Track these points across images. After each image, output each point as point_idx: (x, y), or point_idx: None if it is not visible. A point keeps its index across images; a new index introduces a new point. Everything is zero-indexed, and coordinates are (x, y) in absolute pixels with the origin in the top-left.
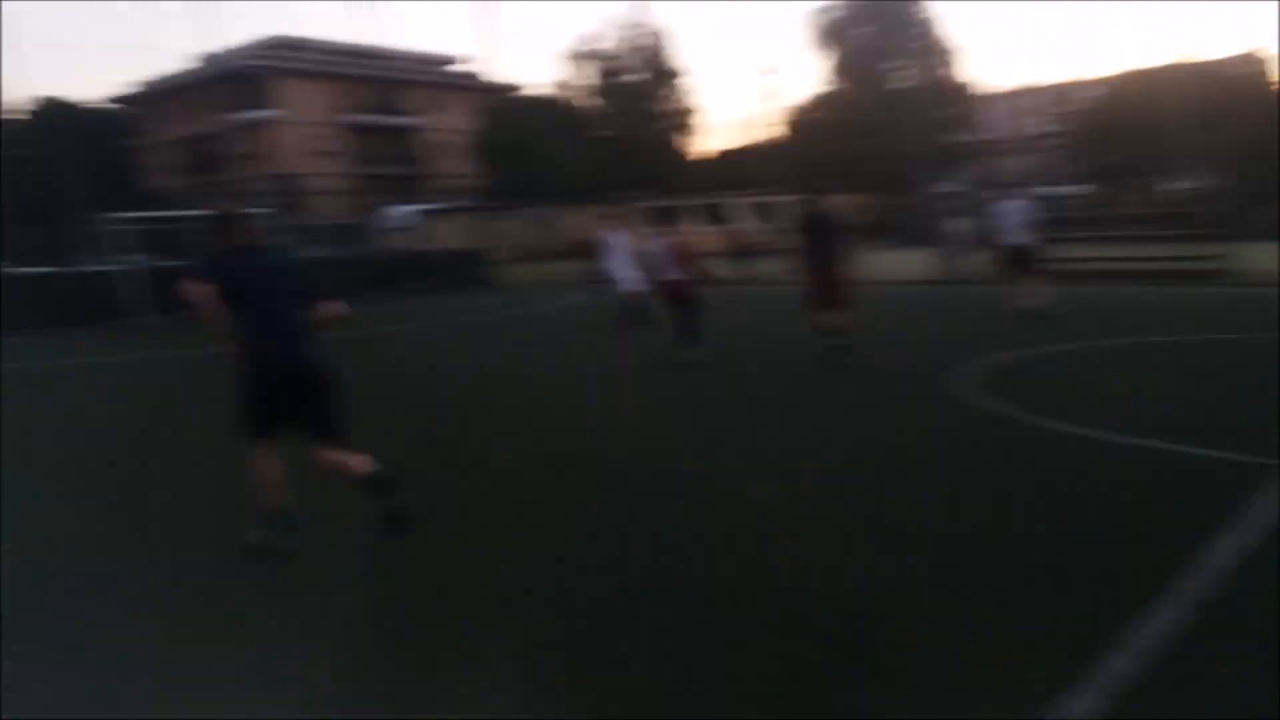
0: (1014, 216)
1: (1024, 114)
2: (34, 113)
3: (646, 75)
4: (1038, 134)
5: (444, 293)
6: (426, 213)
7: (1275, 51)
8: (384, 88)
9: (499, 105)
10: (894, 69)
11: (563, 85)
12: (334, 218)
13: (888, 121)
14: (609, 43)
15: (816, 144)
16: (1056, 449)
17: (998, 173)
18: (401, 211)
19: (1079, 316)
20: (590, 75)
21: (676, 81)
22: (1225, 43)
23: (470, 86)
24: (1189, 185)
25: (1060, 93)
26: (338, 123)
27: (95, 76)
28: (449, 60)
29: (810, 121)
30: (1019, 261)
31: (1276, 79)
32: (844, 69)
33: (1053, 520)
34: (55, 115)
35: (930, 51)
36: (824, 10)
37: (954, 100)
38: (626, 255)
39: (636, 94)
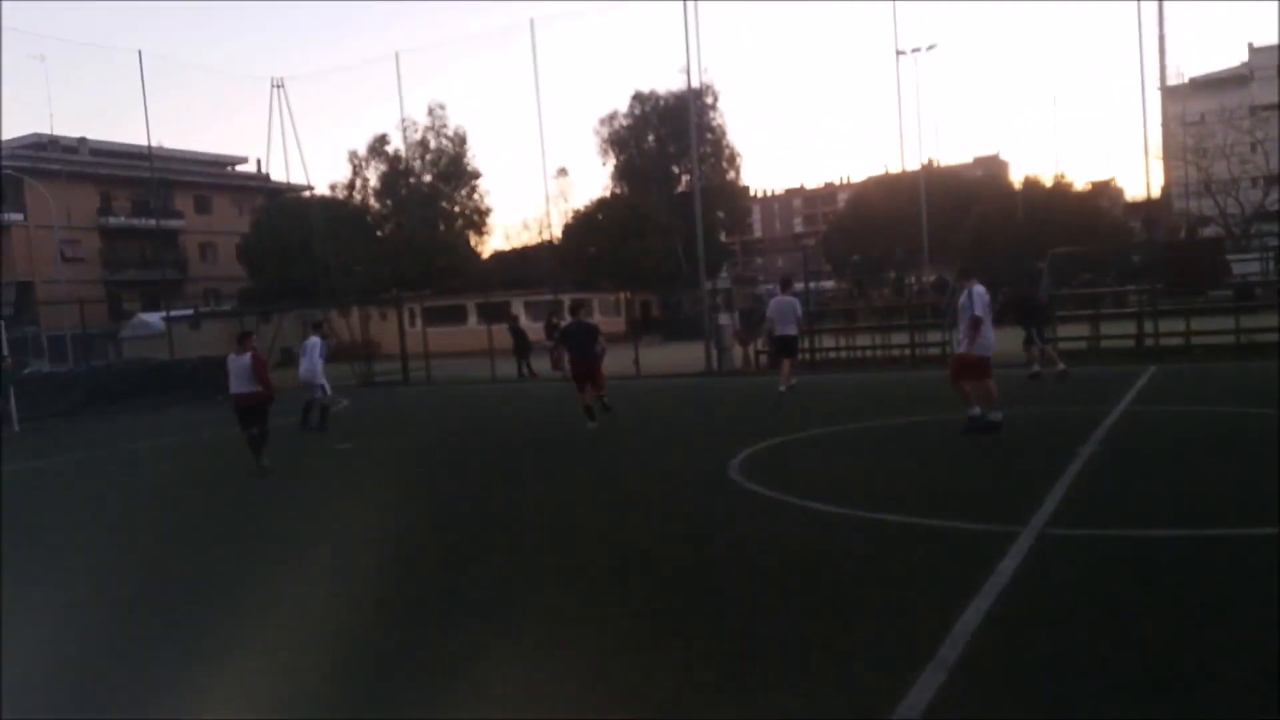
0: (783, 310)
1: (789, 214)
2: None
3: (436, 176)
4: (799, 233)
5: (187, 405)
6: (176, 319)
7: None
8: (152, 188)
9: (272, 205)
10: (677, 173)
11: (350, 185)
12: (79, 328)
13: (665, 222)
14: (400, 144)
15: (596, 243)
16: (815, 525)
17: (763, 269)
18: (149, 318)
19: (831, 400)
20: (378, 175)
21: (471, 183)
22: (965, 148)
23: (250, 187)
24: (930, 278)
25: (818, 195)
26: (91, 226)
27: None
28: (233, 161)
29: (590, 223)
30: (785, 350)
31: (1010, 180)
32: (626, 173)
33: (812, 591)
34: None
35: (714, 157)
36: (610, 119)
37: (731, 202)
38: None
39: (427, 195)
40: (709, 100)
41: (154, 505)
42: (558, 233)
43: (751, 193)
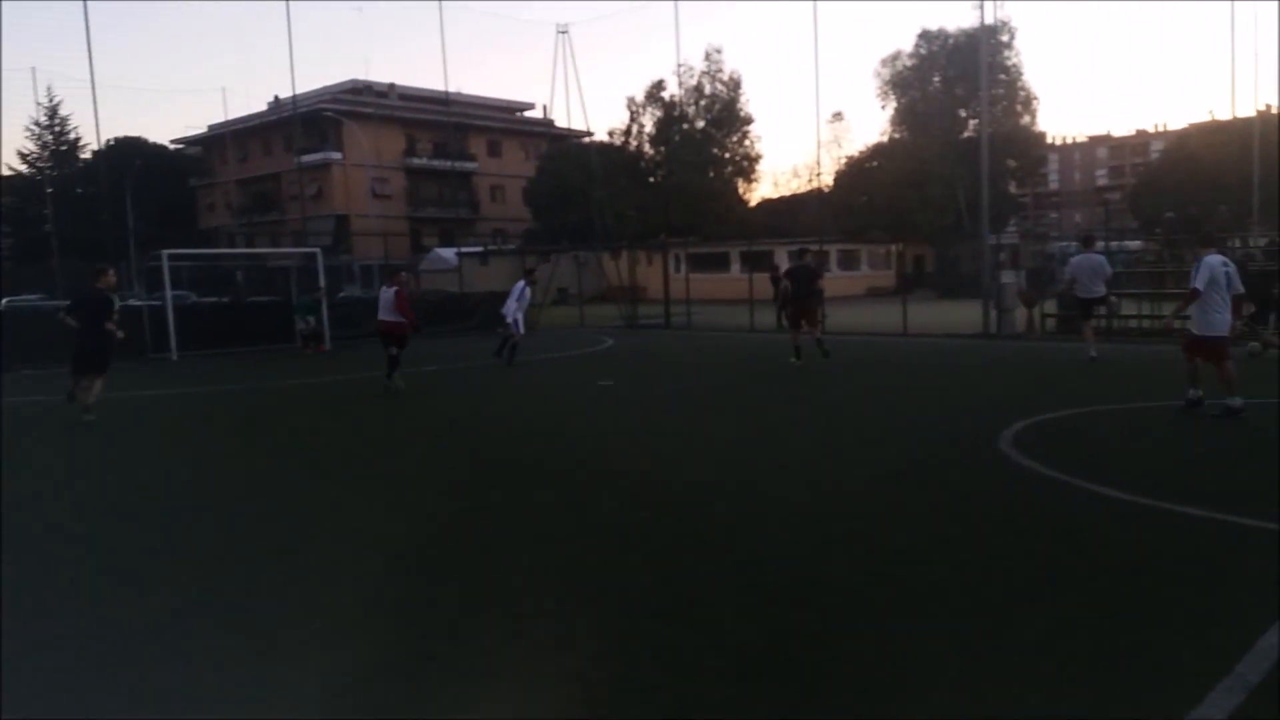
0: (1091, 268)
1: (1091, 164)
2: (103, 151)
3: (709, 122)
4: (1103, 186)
5: (474, 334)
6: (469, 255)
7: None
8: (449, 132)
9: (555, 151)
10: (964, 118)
11: (626, 131)
12: (384, 259)
13: (947, 171)
14: (675, 90)
15: (869, 192)
16: (1096, 509)
17: (1056, 225)
18: (444, 254)
19: (1129, 373)
20: (653, 122)
21: (742, 129)
22: None
23: (536, 133)
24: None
25: (1124, 145)
26: (397, 166)
27: (172, 118)
28: (521, 107)
29: (864, 170)
30: (1091, 313)
31: None
32: (907, 118)
33: (1088, 584)
34: (126, 154)
35: (1007, 100)
36: (892, 59)
37: (1023, 150)
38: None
39: (699, 141)
40: (1004, 38)
41: (440, 423)
42: (829, 180)
43: (1049, 139)
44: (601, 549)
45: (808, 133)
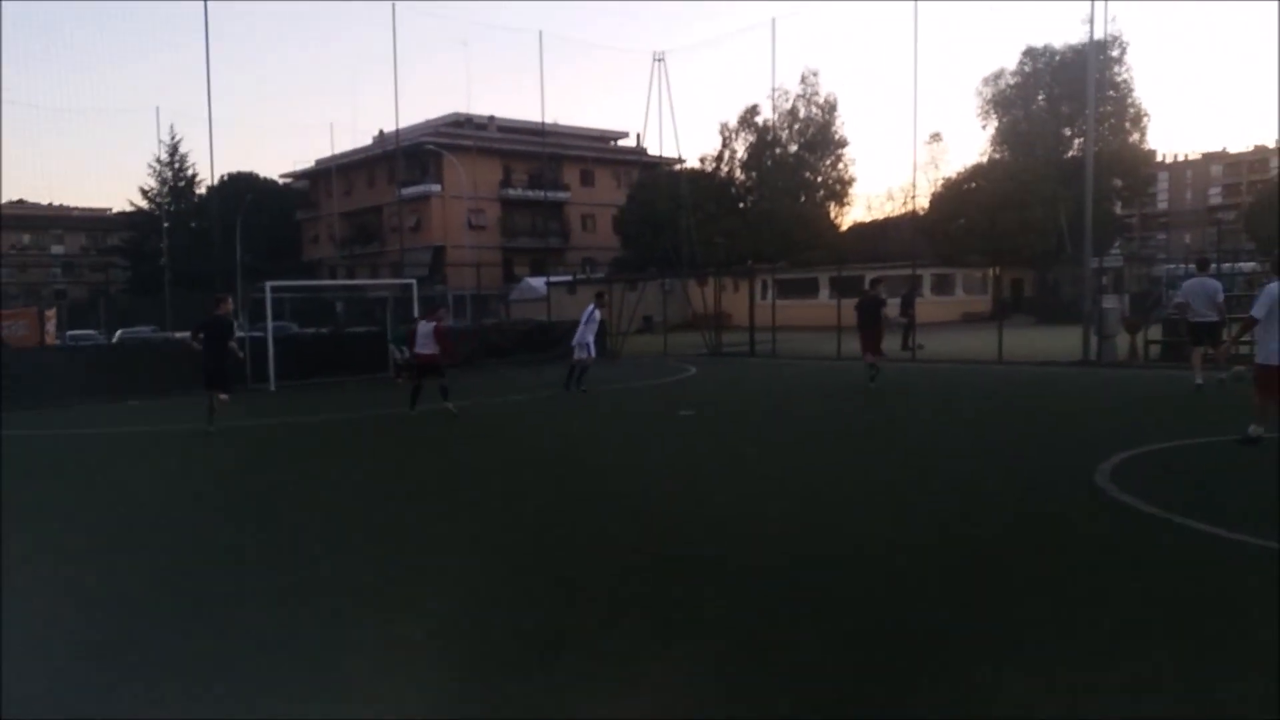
0: (1204, 292)
1: (1204, 182)
2: (216, 187)
3: (802, 145)
4: (1216, 205)
5: (559, 364)
6: (558, 284)
7: None
8: (543, 163)
9: (646, 179)
10: (1069, 136)
11: (718, 157)
12: (476, 288)
13: (1049, 192)
14: (769, 114)
15: (967, 214)
16: (1195, 549)
17: (1164, 246)
18: (534, 283)
19: (1240, 402)
20: (746, 147)
21: (836, 152)
22: None
23: (628, 161)
24: None
25: (1240, 162)
26: (493, 197)
27: (283, 153)
28: (614, 136)
29: (962, 192)
30: (1202, 339)
31: None
32: (1009, 138)
33: (1179, 628)
34: (238, 189)
35: (1115, 117)
36: (995, 78)
37: (1131, 169)
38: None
39: (791, 165)
40: (1114, 53)
41: (514, 457)
42: (924, 203)
43: (1159, 157)
44: (670, 583)
45: (904, 155)
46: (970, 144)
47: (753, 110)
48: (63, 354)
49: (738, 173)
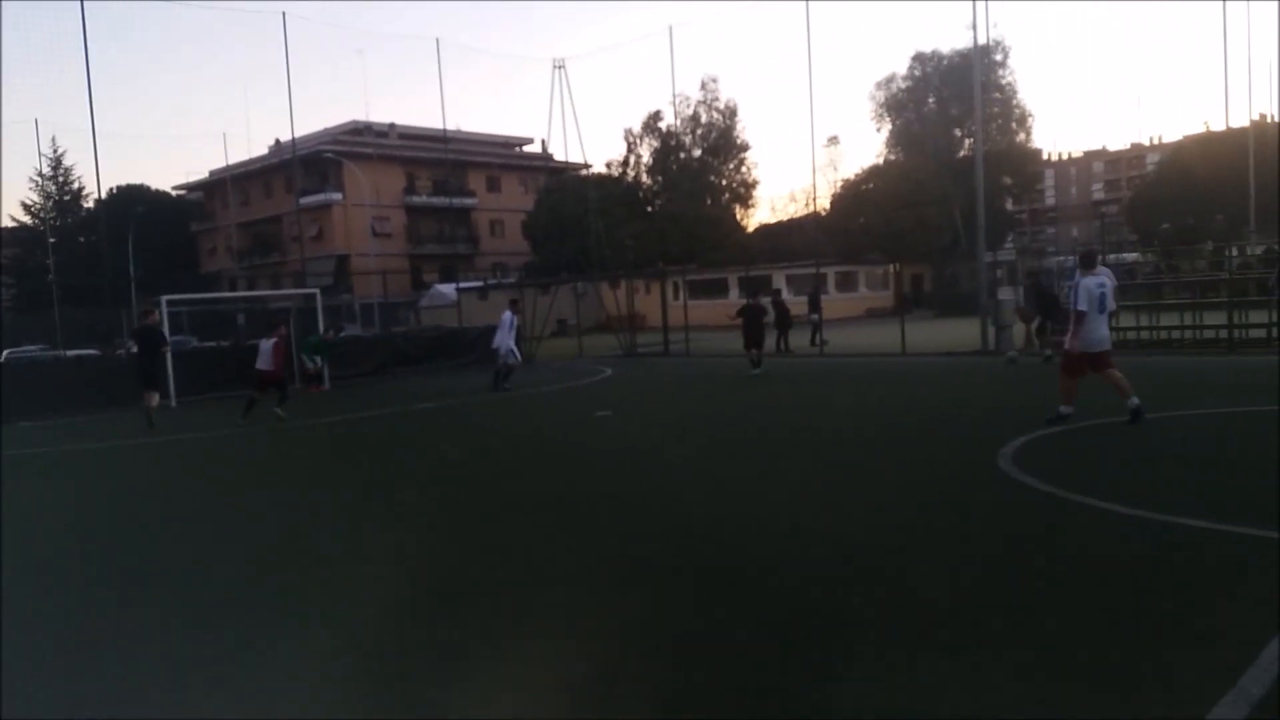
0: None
1: (1087, 179)
2: (105, 200)
3: (705, 150)
4: (1099, 200)
5: (474, 370)
6: (468, 290)
7: None
8: (448, 169)
9: (553, 184)
10: (959, 137)
11: (623, 162)
12: (384, 296)
13: (942, 191)
14: (672, 120)
15: (866, 214)
16: (1094, 525)
17: (1054, 240)
18: (444, 289)
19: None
20: (650, 152)
21: (739, 156)
22: None
23: (534, 167)
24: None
25: (1119, 159)
26: (397, 204)
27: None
28: (519, 142)
29: (860, 192)
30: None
31: None
32: (902, 139)
33: (1088, 600)
34: (128, 202)
35: (1002, 118)
36: (887, 82)
37: (1019, 167)
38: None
39: (696, 169)
40: (998, 57)
41: (429, 465)
42: (825, 204)
43: (1045, 156)
44: (599, 577)
45: (804, 158)
46: (866, 146)
47: (655, 116)
48: None
49: (644, 177)
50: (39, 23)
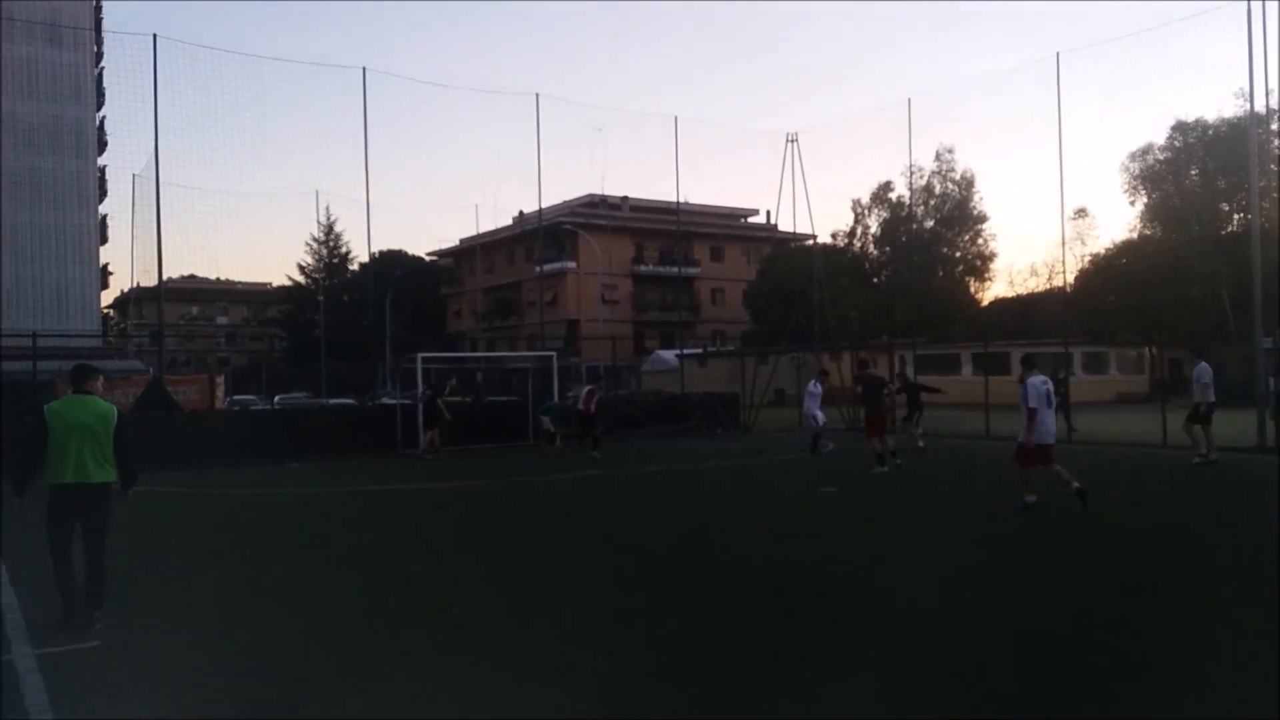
0: None
1: None
2: (369, 263)
3: (938, 221)
4: None
5: (694, 436)
6: (689, 356)
7: None
8: (675, 240)
9: (777, 254)
10: (1227, 211)
11: (850, 233)
12: (610, 360)
13: (1208, 268)
14: (903, 190)
15: (1117, 291)
16: None
17: None
18: (665, 355)
19: None
20: (879, 223)
21: (975, 228)
22: None
23: (758, 237)
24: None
25: None
26: (625, 273)
27: (430, 232)
28: (744, 213)
29: (1112, 268)
30: None
31: None
32: (1159, 213)
33: None
34: (389, 265)
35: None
36: (1142, 153)
37: None
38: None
39: (926, 240)
40: (1274, 126)
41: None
42: (1070, 279)
43: None
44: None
45: (1046, 230)
46: (1117, 219)
47: (886, 186)
48: (229, 417)
49: (871, 248)
50: (321, 100)
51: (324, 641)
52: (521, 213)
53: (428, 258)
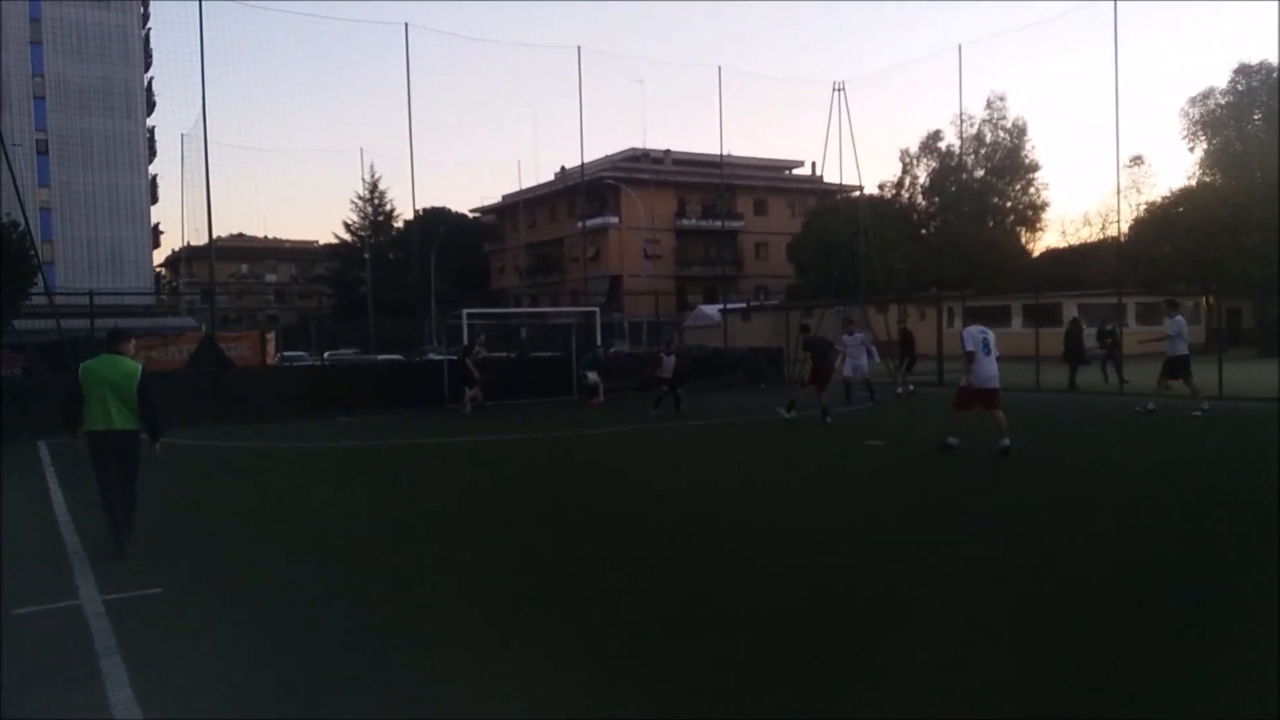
0: None
1: None
2: (413, 221)
3: (989, 170)
4: None
5: (737, 390)
6: (731, 311)
7: None
8: (717, 193)
9: (822, 207)
10: None
11: (898, 184)
12: (652, 316)
13: (1270, 217)
14: (953, 140)
15: (1174, 240)
16: None
17: None
18: (708, 311)
19: None
20: (928, 173)
21: (1026, 177)
22: None
23: (803, 190)
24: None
25: None
26: (668, 227)
27: (473, 189)
28: (789, 165)
29: (1169, 217)
30: None
31: None
32: (1220, 160)
33: None
34: (432, 223)
35: None
36: (1203, 98)
37: None
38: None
39: (977, 191)
40: None
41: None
42: (1125, 228)
43: None
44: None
45: (1101, 179)
46: (1175, 167)
47: (935, 136)
48: (280, 373)
49: (919, 199)
50: (365, 57)
51: (384, 589)
52: (563, 168)
53: (471, 214)
